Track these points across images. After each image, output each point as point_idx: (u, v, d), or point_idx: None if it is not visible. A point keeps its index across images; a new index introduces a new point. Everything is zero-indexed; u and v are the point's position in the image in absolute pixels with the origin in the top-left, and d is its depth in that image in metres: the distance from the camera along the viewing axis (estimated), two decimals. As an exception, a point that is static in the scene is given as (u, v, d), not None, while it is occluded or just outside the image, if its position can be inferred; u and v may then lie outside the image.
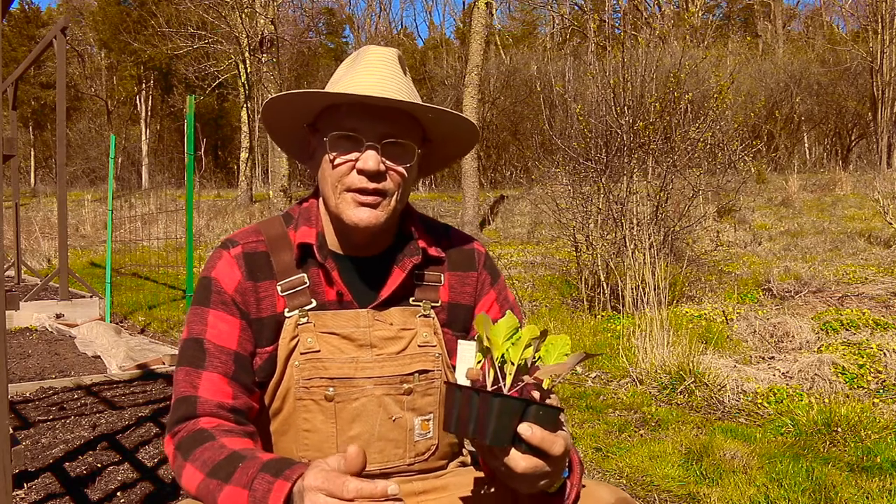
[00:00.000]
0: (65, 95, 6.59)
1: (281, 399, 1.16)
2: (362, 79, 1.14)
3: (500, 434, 0.90)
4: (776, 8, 32.24)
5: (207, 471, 1.00)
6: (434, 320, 1.22)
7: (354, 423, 1.16)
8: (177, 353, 1.18)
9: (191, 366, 1.12)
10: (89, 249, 13.71)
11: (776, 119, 21.89)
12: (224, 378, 1.11)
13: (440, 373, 1.21)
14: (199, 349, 1.13)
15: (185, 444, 1.06)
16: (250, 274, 1.16)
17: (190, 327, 1.15)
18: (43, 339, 5.87)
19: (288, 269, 1.17)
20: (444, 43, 37.87)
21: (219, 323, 1.14)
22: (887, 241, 9.76)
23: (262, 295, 1.16)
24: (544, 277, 8.21)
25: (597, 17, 29.32)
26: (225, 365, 1.12)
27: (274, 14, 15.93)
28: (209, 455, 1.01)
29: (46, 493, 2.59)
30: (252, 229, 1.22)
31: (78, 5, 35.97)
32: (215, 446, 1.03)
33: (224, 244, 1.20)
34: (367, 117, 1.11)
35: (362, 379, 1.16)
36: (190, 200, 5.55)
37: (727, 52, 23.13)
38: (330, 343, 1.15)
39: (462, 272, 1.27)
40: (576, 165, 6.95)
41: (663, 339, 4.33)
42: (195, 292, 1.19)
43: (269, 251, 1.18)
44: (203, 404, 1.09)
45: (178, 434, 1.08)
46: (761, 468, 2.82)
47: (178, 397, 1.11)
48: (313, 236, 1.18)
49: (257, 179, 23.90)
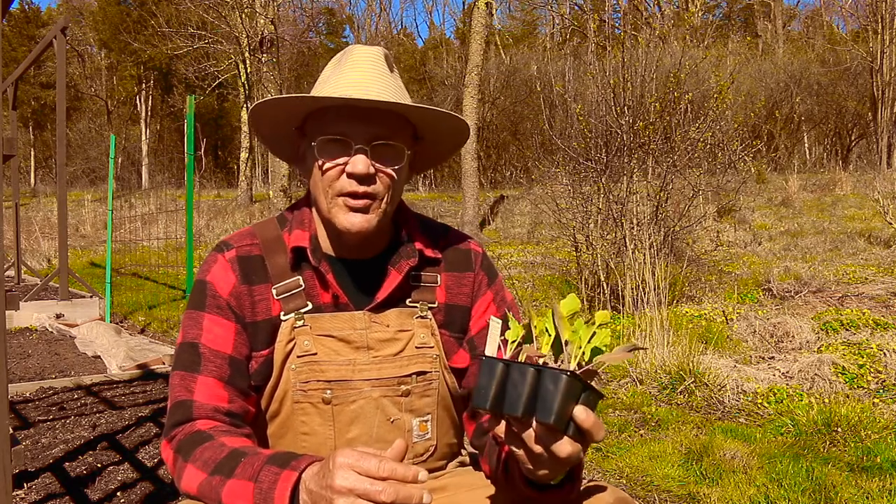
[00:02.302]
0: (65, 95, 6.59)
1: (278, 402, 1.15)
2: (348, 80, 1.12)
3: (562, 415, 0.86)
4: (776, 8, 32.25)
5: (209, 469, 0.99)
6: (431, 321, 1.21)
7: (352, 425, 1.15)
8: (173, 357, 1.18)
9: (186, 370, 1.11)
10: (89, 249, 13.71)
11: (776, 119, 21.89)
12: (219, 382, 1.10)
13: (438, 374, 1.20)
14: (195, 353, 1.12)
15: (183, 446, 1.05)
16: (245, 277, 1.15)
17: (185, 331, 1.15)
18: (43, 339, 5.87)
19: (283, 272, 1.16)
20: (444, 43, 37.86)
21: (214, 327, 1.13)
22: (887, 241, 9.76)
23: (257, 298, 1.15)
24: (544, 277, 8.21)
25: (597, 17, 29.32)
26: (220, 369, 1.11)
27: (274, 14, 15.93)
28: (210, 454, 1.01)
29: (46, 493, 2.59)
30: (247, 232, 1.21)
31: (78, 5, 35.98)
32: (215, 445, 1.02)
33: (219, 247, 1.20)
34: (355, 120, 1.10)
35: (359, 381, 1.15)
36: (190, 200, 5.55)
37: (727, 52, 23.13)
38: (326, 345, 1.15)
39: (459, 273, 1.26)
40: (576, 165, 6.95)
41: (663, 339, 4.33)
42: (191, 296, 1.18)
43: (263, 254, 1.17)
44: (199, 408, 1.08)
45: (176, 437, 1.07)
46: (761, 468, 2.82)
47: (174, 402, 1.11)
48: (307, 240, 1.17)
49: (257, 179, 23.91)
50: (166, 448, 1.09)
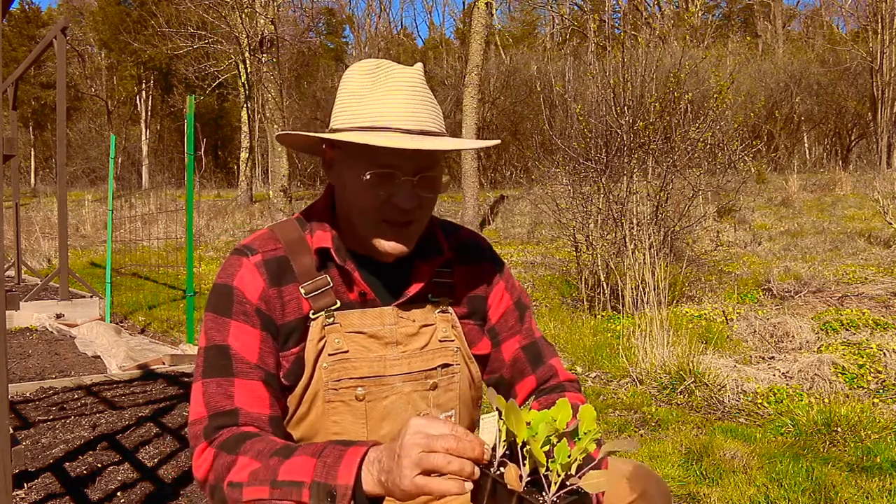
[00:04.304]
0: (65, 95, 6.59)
1: (308, 403, 1.15)
2: (392, 109, 1.09)
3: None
4: (776, 8, 32.24)
5: (265, 458, 0.97)
6: (452, 315, 1.24)
7: (384, 421, 1.16)
8: (196, 362, 1.14)
9: (220, 375, 1.09)
10: (89, 249, 13.71)
11: (776, 119, 21.89)
12: (258, 383, 1.10)
13: (460, 367, 1.23)
14: (225, 357, 1.10)
15: (229, 442, 1.02)
16: (273, 280, 1.14)
17: (210, 335, 1.13)
18: (43, 339, 5.87)
19: (309, 271, 1.17)
20: (444, 43, 37.86)
21: (241, 335, 1.12)
22: (887, 241, 9.75)
23: (286, 299, 1.15)
24: (544, 277, 8.21)
25: (597, 17, 29.32)
26: (254, 372, 1.10)
27: (274, 14, 15.92)
28: (262, 446, 1.00)
29: (46, 493, 2.59)
30: (268, 236, 1.20)
31: (78, 5, 35.98)
32: (267, 439, 1.02)
33: (241, 251, 1.17)
34: (404, 154, 1.09)
35: (391, 377, 1.17)
36: (190, 200, 5.55)
37: (727, 52, 23.12)
38: (357, 342, 1.16)
39: (473, 265, 1.30)
40: (576, 165, 6.95)
41: (663, 339, 4.33)
42: (212, 299, 1.15)
43: (288, 255, 1.17)
44: (245, 416, 1.07)
45: (220, 437, 1.04)
46: (761, 468, 2.82)
47: (214, 412, 1.07)
48: (329, 240, 1.17)
49: (257, 179, 23.90)
50: (205, 449, 1.04)
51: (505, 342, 1.31)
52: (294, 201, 15.20)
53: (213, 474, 1.02)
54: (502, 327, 1.31)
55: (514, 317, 1.32)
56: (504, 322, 1.31)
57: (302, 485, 0.93)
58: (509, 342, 1.31)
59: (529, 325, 1.33)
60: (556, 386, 1.29)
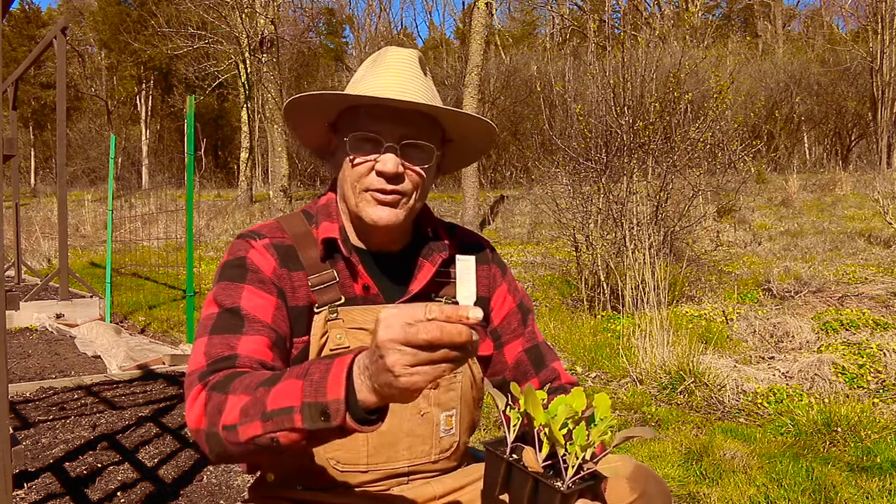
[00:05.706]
0: (65, 95, 6.58)
1: None
2: (383, 81, 1.15)
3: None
4: (776, 8, 32.25)
5: (252, 391, 0.91)
6: None
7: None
8: (199, 326, 1.09)
9: (227, 332, 1.05)
10: (89, 249, 13.71)
11: (776, 119, 21.88)
12: (266, 340, 1.06)
13: (462, 367, 1.22)
14: (236, 316, 1.07)
15: (221, 382, 0.97)
16: (283, 262, 1.15)
17: (219, 300, 1.09)
18: (43, 339, 5.87)
19: (315, 264, 1.18)
20: (444, 43, 37.86)
21: (255, 298, 1.10)
22: (887, 241, 9.75)
23: (296, 284, 1.15)
24: (544, 277, 8.21)
25: (597, 17, 29.31)
26: (266, 331, 1.07)
27: (274, 14, 15.93)
28: (251, 379, 0.93)
29: (46, 493, 2.59)
30: (275, 225, 1.21)
31: (78, 5, 35.96)
32: (256, 373, 0.96)
33: (249, 235, 1.18)
34: (387, 119, 1.12)
35: None
36: (190, 200, 5.55)
37: (727, 52, 23.10)
38: (359, 338, 1.16)
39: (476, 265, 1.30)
40: (576, 165, 6.95)
41: (663, 339, 4.33)
42: (223, 272, 1.13)
43: (295, 246, 1.18)
44: (243, 359, 1.02)
45: (213, 379, 0.99)
46: (761, 468, 2.82)
47: (215, 357, 1.02)
48: (336, 231, 1.19)
49: (257, 179, 23.90)
50: (199, 393, 0.98)
51: (508, 344, 1.32)
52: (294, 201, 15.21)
53: (207, 419, 0.95)
54: (505, 330, 1.32)
55: (517, 319, 1.33)
56: (507, 324, 1.32)
57: (292, 410, 0.85)
58: (512, 345, 1.32)
59: (532, 329, 1.34)
60: (558, 388, 1.29)
